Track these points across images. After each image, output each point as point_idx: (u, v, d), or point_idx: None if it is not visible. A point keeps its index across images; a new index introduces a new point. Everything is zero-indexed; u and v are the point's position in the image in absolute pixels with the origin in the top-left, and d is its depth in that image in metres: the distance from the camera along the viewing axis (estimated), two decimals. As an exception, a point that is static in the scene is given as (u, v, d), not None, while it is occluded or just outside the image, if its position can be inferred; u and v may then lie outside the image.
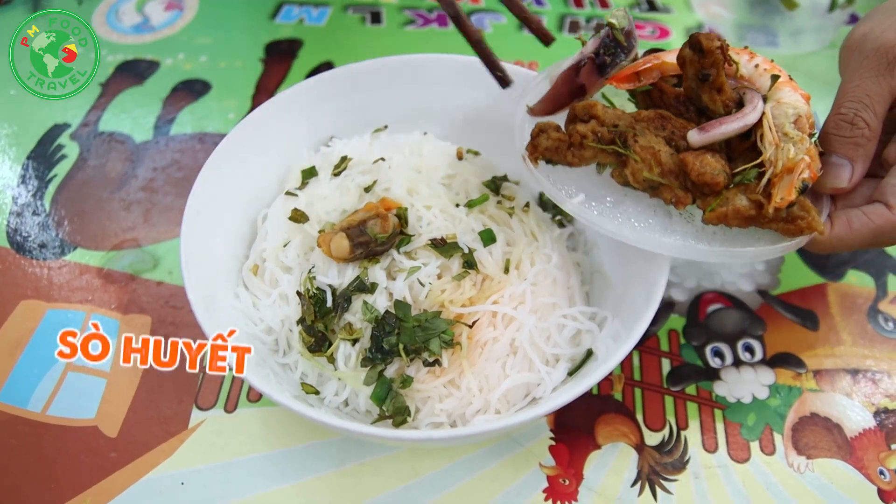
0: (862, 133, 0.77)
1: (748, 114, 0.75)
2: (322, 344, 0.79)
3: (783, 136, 0.74)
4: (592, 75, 0.81)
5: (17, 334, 0.95)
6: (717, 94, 0.76)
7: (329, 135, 0.99)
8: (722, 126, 0.75)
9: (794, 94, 0.77)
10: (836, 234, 0.76)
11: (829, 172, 0.78)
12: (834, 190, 0.78)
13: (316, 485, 0.83)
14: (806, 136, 0.74)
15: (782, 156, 0.73)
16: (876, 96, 0.77)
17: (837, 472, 0.84)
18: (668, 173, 0.75)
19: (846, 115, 0.78)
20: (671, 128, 0.77)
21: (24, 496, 0.82)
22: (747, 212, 0.73)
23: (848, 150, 0.77)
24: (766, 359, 0.93)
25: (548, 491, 0.83)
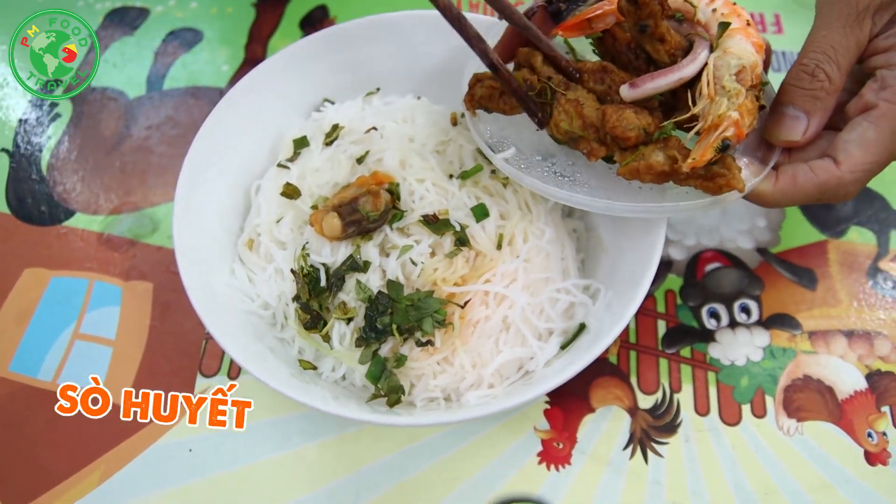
0: (822, 86, 0.74)
1: (684, 66, 0.73)
2: (317, 322, 0.80)
3: (720, 89, 0.72)
4: (546, 24, 0.79)
5: (24, 303, 0.97)
6: (659, 44, 0.74)
7: (321, 97, 0.97)
8: (654, 81, 0.73)
9: (745, 43, 0.74)
10: (779, 187, 0.75)
11: (783, 124, 0.76)
12: (786, 143, 0.76)
13: (318, 450, 0.86)
14: (744, 89, 0.72)
15: (713, 111, 0.71)
16: (841, 48, 0.74)
17: (826, 435, 0.86)
18: (589, 126, 0.74)
19: (807, 66, 0.75)
20: (609, 81, 0.76)
21: (39, 465, 0.86)
22: (661, 167, 0.72)
23: (805, 103, 0.75)
24: (762, 320, 0.94)
25: (542, 454, 0.85)
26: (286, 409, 0.88)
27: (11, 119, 1.15)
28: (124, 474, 0.85)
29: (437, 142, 0.88)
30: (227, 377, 0.91)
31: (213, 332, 0.72)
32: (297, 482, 0.84)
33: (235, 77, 1.17)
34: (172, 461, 0.86)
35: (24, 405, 0.90)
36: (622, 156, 0.74)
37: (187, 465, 0.85)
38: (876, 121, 0.73)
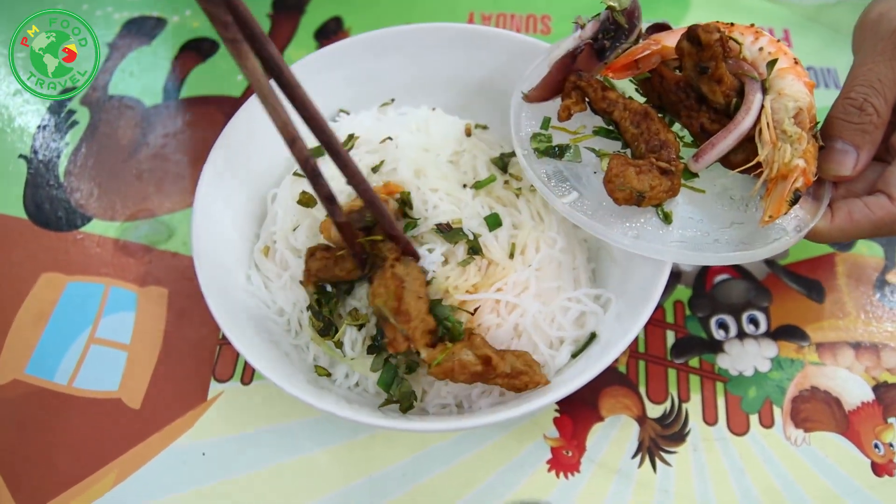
0: (870, 120, 0.75)
1: (741, 121, 0.74)
2: (330, 328, 0.81)
3: (781, 133, 0.72)
4: (590, 60, 0.80)
5: (41, 307, 0.98)
6: (716, 85, 0.75)
7: (336, 108, 0.98)
8: (715, 148, 0.74)
9: (797, 84, 0.74)
10: (837, 225, 0.76)
11: (832, 159, 0.76)
12: (836, 178, 0.77)
13: (330, 455, 0.87)
14: (805, 132, 0.72)
15: (778, 158, 0.71)
16: (888, 81, 0.75)
17: (833, 446, 0.86)
18: (402, 313, 0.74)
19: (855, 99, 0.76)
20: (644, 128, 0.76)
21: (55, 467, 0.87)
22: (473, 367, 0.73)
23: (854, 137, 0.76)
24: (770, 331, 0.94)
25: (551, 462, 0.86)
26: (299, 415, 0.89)
27: (30, 126, 1.17)
28: (138, 477, 0.86)
29: (452, 152, 0.89)
30: (240, 382, 0.92)
31: (230, 336, 0.73)
32: (310, 487, 0.85)
33: (250, 87, 1.19)
34: (186, 465, 0.87)
35: (39, 407, 0.91)
36: (430, 353, 0.75)
37: (201, 469, 0.86)
38: None
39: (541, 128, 0.84)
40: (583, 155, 0.81)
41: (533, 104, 0.84)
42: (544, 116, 0.84)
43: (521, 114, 0.84)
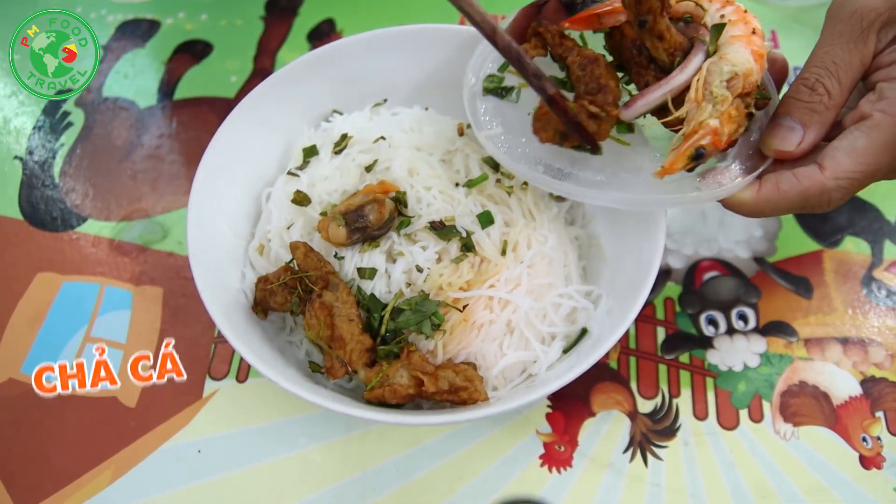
0: (820, 100, 0.74)
1: (674, 77, 0.74)
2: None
3: (708, 94, 0.72)
4: (556, 14, 0.79)
5: (36, 307, 0.99)
6: (657, 41, 0.74)
7: (330, 108, 0.99)
8: (644, 98, 0.74)
9: (743, 50, 0.74)
10: (762, 195, 0.74)
11: (776, 134, 0.75)
12: (779, 153, 0.76)
13: (324, 451, 0.88)
14: (732, 96, 0.72)
15: (697, 116, 0.71)
16: (843, 64, 0.75)
17: (822, 440, 0.87)
18: (336, 339, 0.77)
19: (808, 79, 0.75)
20: (589, 71, 0.76)
21: (51, 465, 0.87)
22: (405, 391, 0.74)
23: (802, 115, 0.75)
24: (759, 327, 0.96)
25: (544, 457, 0.87)
26: (293, 412, 0.90)
27: (25, 127, 1.17)
28: (134, 474, 0.87)
29: (444, 151, 0.90)
30: (235, 380, 0.93)
31: (225, 332, 0.74)
32: (304, 483, 0.86)
33: (244, 88, 1.20)
34: (182, 462, 0.87)
35: (34, 406, 0.91)
36: (367, 374, 0.77)
37: (196, 466, 0.87)
38: (868, 130, 0.73)
39: (498, 70, 0.85)
40: (525, 99, 0.83)
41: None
42: (504, 60, 0.84)
43: (487, 58, 0.86)
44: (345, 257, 0.83)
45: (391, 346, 0.79)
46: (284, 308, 0.82)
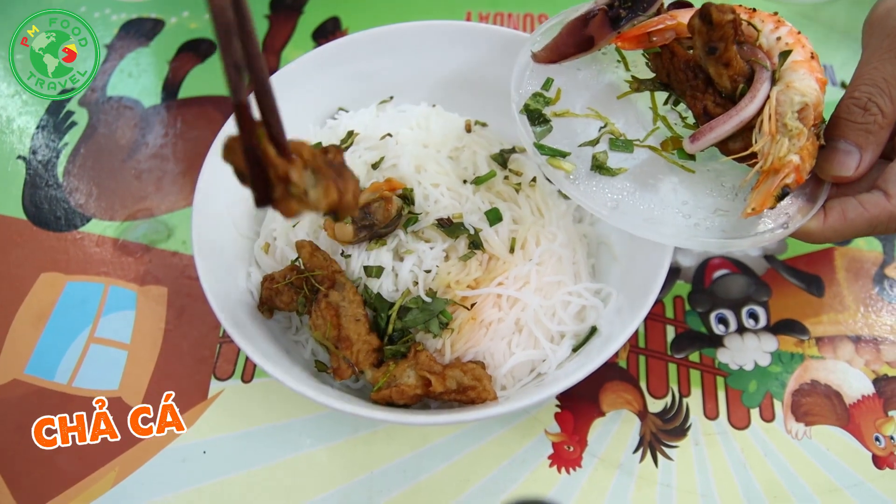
0: (874, 120, 0.73)
1: (744, 108, 0.72)
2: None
3: (782, 126, 0.71)
4: (602, 28, 0.77)
5: (40, 307, 0.98)
6: (724, 68, 0.73)
7: (335, 106, 0.99)
8: (714, 131, 0.73)
9: (809, 79, 0.73)
10: (830, 224, 0.74)
11: (834, 159, 0.74)
12: (837, 179, 0.75)
13: (331, 452, 0.87)
14: (807, 129, 0.70)
15: (774, 151, 0.70)
16: (894, 80, 0.73)
17: (834, 439, 0.86)
18: (343, 339, 0.76)
19: (859, 99, 0.73)
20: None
21: (56, 467, 0.87)
22: (412, 391, 0.74)
23: (858, 137, 0.73)
24: (770, 325, 0.95)
25: (553, 457, 0.86)
26: (299, 413, 0.89)
27: (29, 127, 1.16)
28: (138, 476, 0.86)
29: (452, 148, 0.89)
30: (240, 380, 0.92)
31: (230, 332, 0.73)
32: (311, 484, 0.85)
33: (249, 87, 1.19)
34: (186, 463, 0.86)
35: (39, 407, 0.91)
36: (374, 374, 0.76)
37: (201, 468, 0.86)
38: None
39: (542, 87, 0.84)
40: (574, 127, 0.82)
41: (540, 64, 0.83)
42: (547, 77, 0.83)
43: (526, 72, 0.83)
44: (351, 255, 0.82)
45: (398, 345, 0.78)
46: (290, 308, 0.81)
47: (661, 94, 0.83)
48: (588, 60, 0.83)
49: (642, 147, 0.79)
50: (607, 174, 0.77)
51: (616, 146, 0.79)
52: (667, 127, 0.82)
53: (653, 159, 0.79)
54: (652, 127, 0.82)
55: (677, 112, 0.81)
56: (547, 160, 0.78)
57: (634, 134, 0.81)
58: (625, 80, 0.83)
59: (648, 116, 0.83)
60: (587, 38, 0.79)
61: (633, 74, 0.83)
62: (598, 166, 0.78)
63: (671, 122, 0.82)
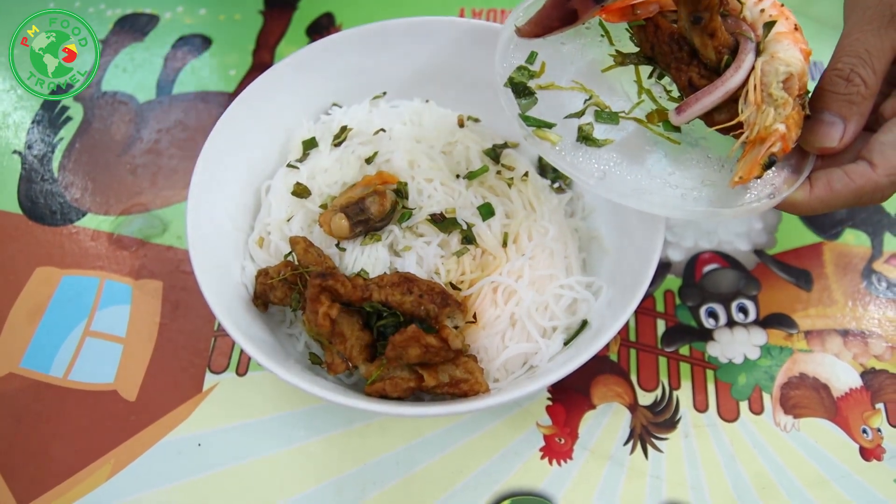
0: (857, 90, 0.72)
1: (729, 78, 0.72)
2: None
3: (767, 96, 0.70)
4: (587, 1, 0.76)
5: (36, 301, 0.99)
6: (708, 38, 0.72)
7: (330, 101, 0.99)
8: (699, 102, 0.72)
9: (793, 49, 0.72)
10: (816, 195, 0.73)
11: (818, 131, 0.74)
12: (822, 150, 0.75)
13: (325, 444, 0.88)
14: (792, 99, 0.70)
15: (760, 120, 0.69)
16: (875, 51, 0.72)
17: (822, 432, 0.87)
18: (337, 335, 0.77)
19: (842, 70, 0.73)
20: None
21: (51, 459, 0.87)
22: (405, 384, 0.74)
23: (841, 108, 0.73)
24: (759, 319, 0.96)
25: (544, 449, 0.87)
26: (293, 405, 0.90)
27: (24, 122, 1.17)
28: (134, 468, 0.87)
29: (445, 143, 0.90)
30: (235, 374, 0.93)
31: (224, 324, 0.74)
32: (305, 476, 0.86)
33: (243, 82, 1.20)
34: (182, 455, 0.87)
35: (34, 400, 0.91)
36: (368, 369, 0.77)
37: (196, 460, 0.87)
38: None
39: (526, 61, 0.83)
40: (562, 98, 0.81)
41: (523, 38, 0.82)
42: (531, 51, 0.83)
43: (510, 46, 0.83)
44: (346, 249, 0.83)
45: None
46: (284, 302, 0.82)
47: (646, 69, 0.82)
48: (572, 34, 0.83)
49: (628, 119, 0.79)
50: (593, 145, 0.77)
51: (601, 118, 0.79)
52: (651, 100, 0.82)
53: (639, 131, 0.79)
54: (637, 100, 0.82)
55: (662, 86, 0.81)
56: (533, 131, 0.77)
57: (620, 107, 0.81)
58: (609, 54, 0.83)
59: (633, 90, 0.83)
60: (571, 12, 0.78)
61: (618, 49, 0.83)
62: (584, 137, 0.77)
63: (656, 95, 0.82)
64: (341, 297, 0.75)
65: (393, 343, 0.73)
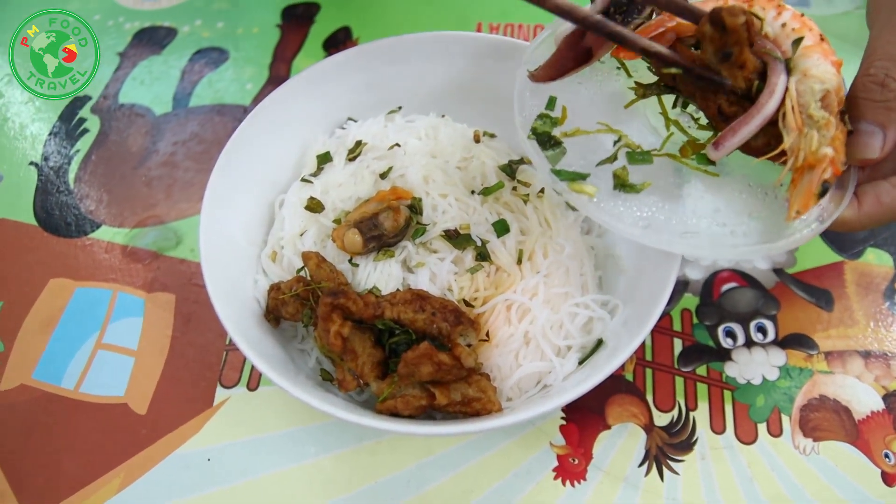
0: (894, 96, 0.68)
1: (764, 105, 0.68)
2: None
3: (807, 118, 0.66)
4: (600, 37, 0.73)
5: (49, 312, 0.99)
6: (738, 70, 0.69)
7: (345, 115, 0.99)
8: (737, 135, 0.69)
9: (824, 63, 0.68)
10: (865, 211, 0.71)
11: (857, 142, 0.70)
12: (863, 162, 0.71)
13: (335, 461, 0.87)
14: (833, 117, 0.66)
15: (805, 146, 0.66)
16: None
17: (843, 455, 0.85)
18: (348, 352, 0.76)
19: (875, 75, 0.69)
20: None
21: (61, 471, 0.87)
22: (417, 402, 0.73)
23: (879, 116, 0.69)
24: (778, 340, 0.94)
25: (557, 470, 0.86)
26: (303, 421, 0.89)
27: (41, 134, 1.18)
28: (143, 482, 0.86)
29: (460, 158, 0.89)
30: (246, 388, 0.92)
31: (235, 339, 0.73)
32: (314, 493, 0.85)
33: (259, 95, 1.20)
34: (191, 470, 0.87)
35: (46, 412, 0.91)
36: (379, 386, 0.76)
37: (205, 475, 0.86)
38: None
39: (546, 108, 0.80)
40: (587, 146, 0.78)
41: (539, 83, 0.79)
42: (549, 96, 0.80)
43: (525, 93, 0.80)
44: (359, 265, 0.82)
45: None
46: (295, 318, 0.81)
47: (669, 97, 0.79)
48: (588, 73, 0.80)
49: (661, 156, 0.76)
50: (632, 191, 0.74)
51: (635, 159, 0.76)
52: (681, 131, 0.79)
53: (674, 167, 0.77)
54: (666, 133, 0.79)
55: (689, 114, 0.79)
56: (568, 185, 0.74)
57: (650, 143, 0.78)
58: (628, 87, 0.80)
59: (660, 122, 0.80)
60: (586, 51, 0.76)
61: (637, 80, 0.80)
62: (622, 185, 0.75)
63: (684, 126, 0.79)
64: (353, 315, 0.74)
65: (405, 360, 0.72)
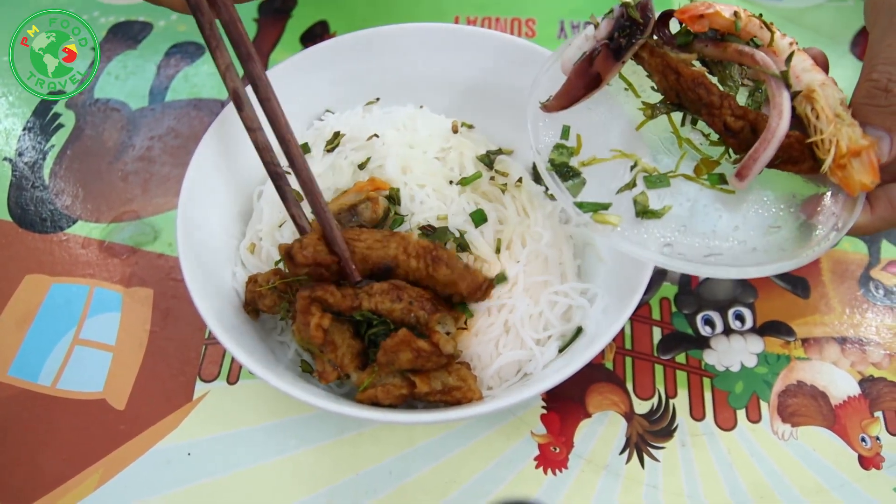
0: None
1: (777, 127, 0.69)
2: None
3: (836, 117, 0.68)
4: (608, 61, 0.76)
5: (24, 309, 0.98)
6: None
7: (323, 107, 0.98)
8: (757, 162, 0.70)
9: (817, 75, 0.72)
10: (879, 215, 0.72)
11: None
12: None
13: (317, 454, 0.86)
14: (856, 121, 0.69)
15: (844, 136, 0.67)
16: None
17: (820, 440, 0.86)
18: (328, 343, 0.76)
19: (879, 81, 0.70)
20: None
21: (38, 468, 0.86)
22: (398, 391, 0.73)
23: (885, 121, 0.69)
24: (756, 327, 0.95)
25: (539, 458, 0.86)
26: (284, 413, 0.89)
27: (15, 129, 1.16)
28: (123, 478, 0.85)
29: (438, 149, 0.89)
30: (226, 382, 0.92)
31: (215, 332, 0.73)
32: (296, 486, 0.84)
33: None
34: (171, 465, 0.86)
35: (23, 409, 0.90)
36: (359, 377, 0.76)
37: (186, 469, 0.86)
38: None
39: (561, 137, 0.80)
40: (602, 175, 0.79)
41: (551, 113, 0.80)
42: (563, 125, 0.81)
43: (539, 124, 0.80)
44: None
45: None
46: (273, 311, 0.81)
47: (678, 115, 0.80)
48: (597, 98, 0.80)
49: (677, 177, 0.77)
50: (654, 217, 0.74)
51: (652, 183, 0.76)
52: (693, 149, 0.80)
53: (691, 188, 0.77)
54: (679, 152, 0.80)
55: (699, 131, 0.79)
56: (591, 217, 0.74)
57: (664, 164, 0.79)
58: (637, 108, 0.81)
59: (672, 141, 0.81)
60: (595, 76, 0.77)
61: (644, 101, 0.80)
62: (643, 211, 0.75)
63: (696, 143, 0.80)
64: (331, 306, 0.74)
65: (384, 348, 0.72)
